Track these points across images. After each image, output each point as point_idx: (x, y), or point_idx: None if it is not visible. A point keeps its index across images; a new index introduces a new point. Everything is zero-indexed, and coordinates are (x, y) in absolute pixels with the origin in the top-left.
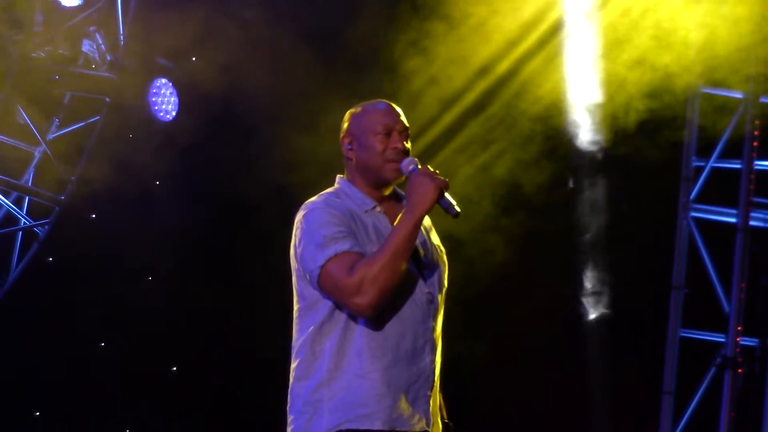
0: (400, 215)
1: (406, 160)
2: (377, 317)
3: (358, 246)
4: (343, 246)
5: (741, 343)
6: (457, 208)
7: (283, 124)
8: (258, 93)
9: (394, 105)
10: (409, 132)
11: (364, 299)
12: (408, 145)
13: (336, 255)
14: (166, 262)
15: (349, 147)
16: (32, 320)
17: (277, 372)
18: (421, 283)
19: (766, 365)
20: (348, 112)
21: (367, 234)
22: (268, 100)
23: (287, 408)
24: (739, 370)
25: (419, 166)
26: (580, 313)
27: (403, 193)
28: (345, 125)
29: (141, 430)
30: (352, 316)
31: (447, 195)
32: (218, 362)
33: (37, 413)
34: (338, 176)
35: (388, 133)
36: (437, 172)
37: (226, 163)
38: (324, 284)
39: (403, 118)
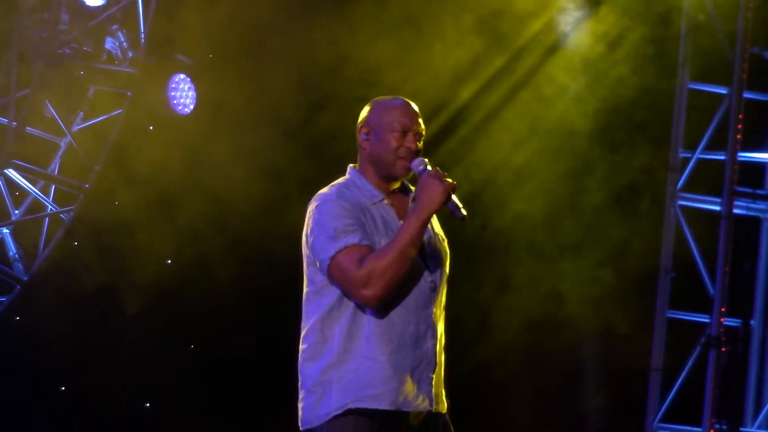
0: (409, 209)
1: (417, 160)
2: (384, 304)
3: (367, 239)
4: (353, 239)
5: (725, 323)
6: (464, 212)
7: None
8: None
9: (414, 106)
10: (424, 135)
11: (370, 291)
12: (420, 145)
13: (346, 247)
14: (185, 247)
15: (365, 137)
16: (57, 302)
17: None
18: (425, 271)
19: (748, 344)
20: (369, 102)
21: (375, 226)
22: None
23: (298, 384)
24: (723, 349)
25: (429, 167)
26: (569, 293)
27: (410, 186)
28: (364, 115)
29: (162, 403)
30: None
31: (455, 198)
32: (236, 339)
33: (63, 388)
34: (349, 166)
35: (404, 132)
36: (446, 174)
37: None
38: (333, 274)
39: (420, 120)
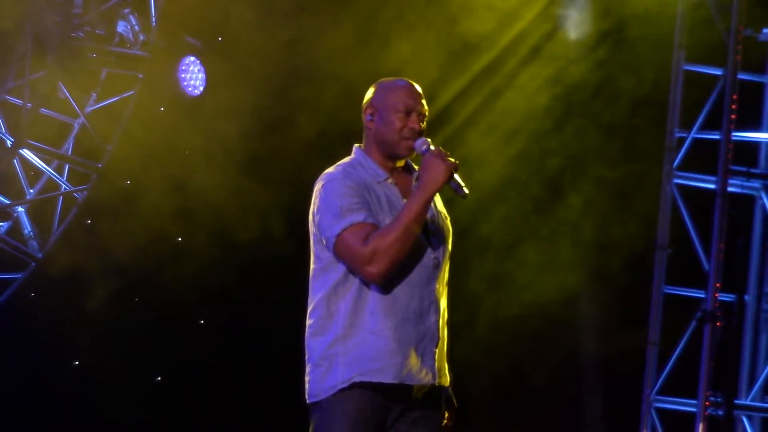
0: (412, 188)
1: (420, 140)
2: (388, 280)
3: (371, 217)
4: (358, 217)
5: (719, 298)
6: (465, 190)
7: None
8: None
9: (417, 87)
10: (427, 115)
11: (375, 268)
12: (423, 126)
13: (351, 225)
14: (195, 223)
15: (370, 118)
16: (71, 276)
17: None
18: (428, 249)
19: (742, 319)
20: (374, 84)
21: (379, 204)
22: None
23: (305, 359)
24: (718, 324)
25: (432, 147)
26: (573, 272)
27: (414, 165)
28: (369, 96)
29: (172, 376)
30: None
31: (456, 176)
32: (245, 312)
33: (77, 363)
34: (355, 145)
35: (408, 113)
36: (448, 153)
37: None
38: (339, 251)
39: (423, 101)
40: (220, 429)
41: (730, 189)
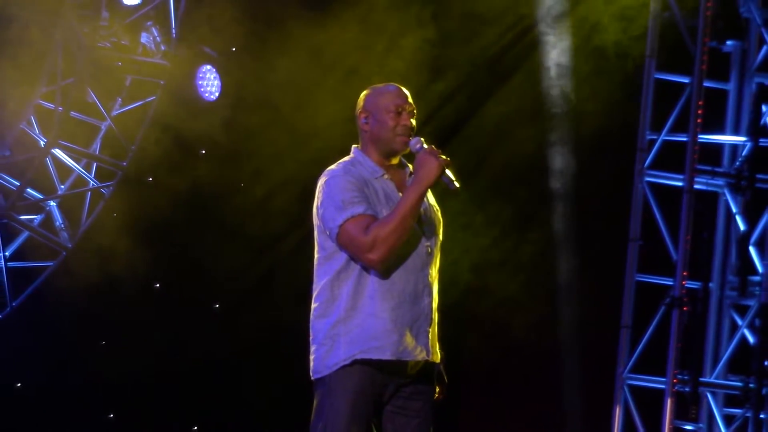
0: (407, 183)
1: (414, 140)
2: (387, 267)
3: (371, 209)
4: (359, 209)
5: (686, 286)
6: (456, 184)
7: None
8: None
9: (403, 88)
10: (416, 113)
11: (375, 255)
12: (414, 122)
13: (353, 216)
14: (212, 215)
15: (365, 121)
16: (99, 266)
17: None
18: (422, 238)
19: (707, 305)
20: (364, 92)
21: (377, 197)
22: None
23: (310, 339)
24: (685, 309)
25: (425, 146)
26: (551, 260)
27: (407, 163)
28: (361, 103)
29: (189, 360)
30: (365, 266)
31: (448, 172)
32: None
33: (103, 342)
34: (353, 146)
35: (399, 112)
36: (440, 151)
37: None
38: (341, 241)
39: (410, 100)
40: (231, 402)
41: (696, 186)
